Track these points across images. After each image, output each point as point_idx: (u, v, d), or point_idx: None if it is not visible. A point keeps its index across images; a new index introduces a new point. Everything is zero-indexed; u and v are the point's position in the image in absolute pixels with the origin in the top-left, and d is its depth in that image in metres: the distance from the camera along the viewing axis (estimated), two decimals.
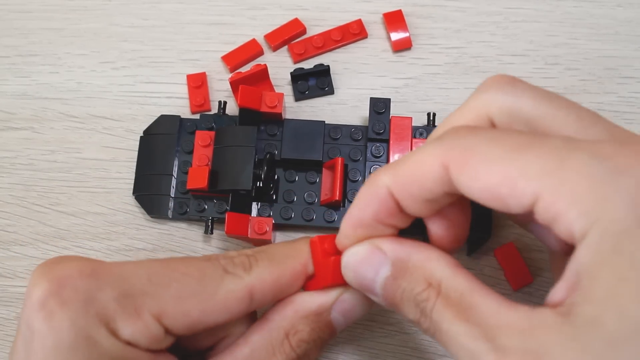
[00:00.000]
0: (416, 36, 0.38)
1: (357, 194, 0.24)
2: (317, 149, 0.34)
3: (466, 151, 0.21)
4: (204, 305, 0.24)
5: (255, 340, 0.26)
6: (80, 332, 0.22)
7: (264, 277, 0.25)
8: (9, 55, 0.39)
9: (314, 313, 0.27)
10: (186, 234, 0.35)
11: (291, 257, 0.26)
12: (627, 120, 0.37)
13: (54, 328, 0.22)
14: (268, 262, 0.26)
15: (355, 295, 0.27)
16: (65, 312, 0.22)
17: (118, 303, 0.22)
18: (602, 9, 0.39)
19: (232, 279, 0.25)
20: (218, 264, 0.25)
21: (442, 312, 0.22)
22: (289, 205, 0.34)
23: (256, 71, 0.35)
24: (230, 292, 0.24)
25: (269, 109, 0.33)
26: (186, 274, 0.24)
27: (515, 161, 0.20)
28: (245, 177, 0.32)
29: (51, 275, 0.22)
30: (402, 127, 0.33)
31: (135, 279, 0.23)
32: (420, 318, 0.23)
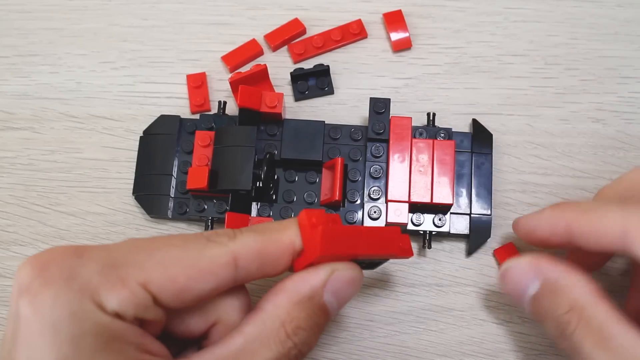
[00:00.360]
0: (416, 36, 0.38)
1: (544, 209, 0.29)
2: (317, 149, 0.34)
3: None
4: (189, 271, 0.24)
5: (249, 331, 0.25)
6: (65, 309, 0.22)
7: (248, 244, 0.25)
8: (9, 55, 0.39)
9: (306, 297, 0.26)
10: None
11: (277, 230, 0.26)
12: (627, 120, 0.37)
13: (38, 309, 0.22)
14: (253, 232, 0.26)
15: (345, 273, 0.27)
16: (48, 290, 0.22)
17: (102, 275, 0.22)
18: (602, 9, 0.39)
19: (215, 246, 0.25)
20: (201, 235, 0.25)
21: (583, 338, 0.25)
22: (289, 205, 0.34)
23: (256, 71, 0.35)
24: (215, 257, 0.24)
25: (269, 109, 0.33)
26: (169, 243, 0.24)
27: None
28: (245, 177, 0.32)
29: (34, 260, 0.23)
30: (401, 127, 0.33)
31: (117, 252, 0.23)
32: (559, 337, 0.26)
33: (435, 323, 0.34)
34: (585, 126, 0.36)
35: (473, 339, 0.33)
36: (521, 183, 0.35)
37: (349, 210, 0.33)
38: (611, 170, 0.36)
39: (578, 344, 0.25)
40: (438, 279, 0.34)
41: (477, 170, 0.34)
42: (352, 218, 0.33)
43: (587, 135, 0.36)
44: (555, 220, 0.28)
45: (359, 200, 0.34)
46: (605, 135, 0.36)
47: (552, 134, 0.36)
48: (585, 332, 0.25)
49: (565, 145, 0.36)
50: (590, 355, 0.24)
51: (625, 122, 0.36)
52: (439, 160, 0.33)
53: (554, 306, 0.27)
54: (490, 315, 0.33)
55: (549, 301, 0.27)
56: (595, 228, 0.26)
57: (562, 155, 0.36)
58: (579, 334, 0.25)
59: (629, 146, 0.36)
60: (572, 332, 0.25)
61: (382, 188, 0.33)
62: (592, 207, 0.27)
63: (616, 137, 0.36)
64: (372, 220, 0.32)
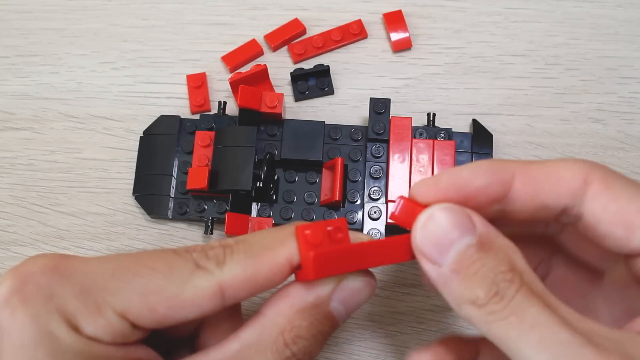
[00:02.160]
0: (416, 36, 0.38)
1: (472, 162, 0.25)
2: (317, 149, 0.34)
3: (609, 178, 0.22)
4: (170, 302, 0.23)
5: (246, 337, 0.24)
6: (42, 328, 0.22)
7: (236, 273, 0.23)
8: (9, 55, 0.39)
9: (311, 306, 0.25)
10: (186, 234, 0.35)
11: (271, 249, 0.24)
12: (627, 120, 0.37)
13: (17, 324, 0.22)
14: (244, 255, 0.23)
15: (355, 281, 0.25)
16: (27, 308, 0.22)
17: (78, 299, 0.22)
18: (602, 9, 0.39)
19: (201, 275, 0.23)
20: (189, 258, 0.23)
21: (529, 298, 0.21)
22: (289, 205, 0.34)
23: (256, 71, 0.35)
24: (199, 289, 0.23)
25: (269, 109, 0.33)
26: (153, 268, 0.23)
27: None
28: (245, 177, 0.32)
29: (16, 272, 0.22)
30: (402, 127, 0.33)
31: (97, 274, 0.23)
32: (491, 297, 0.22)
33: (435, 323, 0.34)
34: (585, 126, 0.36)
35: None
36: None
37: (349, 210, 0.33)
38: None
39: (524, 304, 0.21)
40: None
41: None
42: (352, 218, 0.33)
43: (587, 136, 0.36)
44: (498, 168, 0.23)
45: (359, 200, 0.34)
46: (605, 136, 0.36)
47: (552, 134, 0.36)
48: (532, 293, 0.22)
49: (565, 146, 0.36)
50: (539, 315, 0.21)
51: (625, 122, 0.36)
52: (439, 160, 0.33)
53: (493, 263, 0.22)
54: None
55: (486, 257, 0.22)
56: (551, 177, 0.23)
57: (562, 156, 0.36)
58: (526, 294, 0.22)
59: (629, 146, 0.36)
60: (517, 291, 0.22)
61: (382, 188, 0.33)
62: (543, 161, 0.24)
63: (616, 137, 0.36)
64: (373, 220, 0.32)
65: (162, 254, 0.23)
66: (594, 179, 0.22)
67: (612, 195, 0.22)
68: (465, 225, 0.23)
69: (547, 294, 0.22)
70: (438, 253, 0.23)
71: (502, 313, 0.21)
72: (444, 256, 0.23)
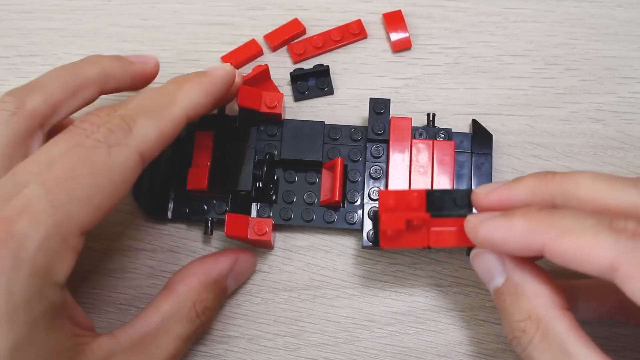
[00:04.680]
0: (416, 36, 0.38)
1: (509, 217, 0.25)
2: (316, 149, 0.34)
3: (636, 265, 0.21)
4: (108, 194, 0.24)
5: (166, 310, 0.29)
6: (19, 297, 0.21)
7: (149, 137, 0.25)
8: (9, 55, 0.39)
9: (214, 281, 0.31)
10: (186, 234, 0.35)
11: (167, 107, 0.27)
12: (627, 120, 0.37)
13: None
14: (147, 119, 0.26)
15: (246, 260, 0.33)
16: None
17: (45, 251, 0.22)
18: (602, 9, 0.39)
19: (119, 152, 0.24)
20: (99, 144, 0.24)
21: (539, 351, 0.24)
22: (289, 205, 0.34)
23: (259, 72, 0.35)
24: (124, 167, 0.25)
25: (269, 110, 0.33)
26: (78, 176, 0.23)
27: None
28: (245, 177, 0.32)
29: None
30: (401, 127, 0.33)
31: (43, 213, 0.22)
32: (513, 340, 0.25)
33: (435, 323, 0.34)
34: (585, 126, 0.36)
35: (473, 340, 0.33)
36: None
37: (349, 210, 0.33)
38: (611, 170, 0.36)
39: (533, 356, 0.24)
40: (438, 279, 0.34)
41: (477, 171, 0.34)
42: (352, 218, 0.33)
43: (587, 136, 0.36)
44: (529, 237, 0.24)
45: (359, 200, 0.34)
46: (605, 136, 0.36)
47: (552, 134, 0.36)
48: (543, 346, 0.23)
49: (565, 146, 0.36)
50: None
51: (625, 122, 0.36)
52: (439, 160, 0.33)
53: (512, 309, 0.25)
54: (490, 315, 0.33)
55: (508, 302, 0.25)
56: (578, 256, 0.23)
57: (562, 156, 0.36)
58: (535, 346, 0.24)
59: (629, 146, 0.36)
60: (528, 343, 0.24)
61: (382, 188, 0.33)
62: (574, 229, 0.23)
63: (616, 137, 0.36)
64: (371, 220, 0.32)
65: (74, 155, 0.24)
66: (621, 264, 0.22)
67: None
68: (497, 267, 0.26)
69: (564, 345, 0.23)
70: (487, 285, 0.27)
71: (520, 354, 0.24)
72: (490, 288, 0.27)
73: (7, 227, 0.22)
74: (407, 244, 0.29)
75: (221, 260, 0.32)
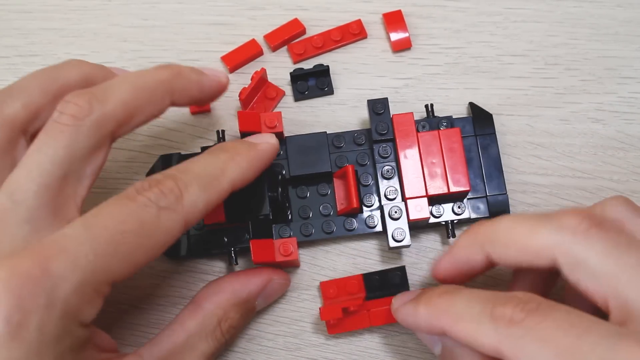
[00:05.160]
0: (416, 36, 0.38)
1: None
2: (324, 160, 0.33)
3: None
4: (147, 253, 0.24)
5: (191, 327, 0.29)
6: (49, 335, 0.21)
7: (197, 207, 0.25)
8: (9, 55, 0.39)
9: (243, 301, 0.30)
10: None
11: (217, 178, 0.26)
12: (627, 120, 0.37)
13: (23, 340, 0.21)
14: (198, 187, 0.25)
15: (279, 282, 0.32)
16: (31, 323, 0.21)
17: (78, 294, 0.22)
18: (602, 9, 0.39)
19: (168, 216, 0.24)
20: (150, 204, 0.24)
21: None
22: (307, 221, 0.33)
23: (257, 80, 0.36)
24: (169, 231, 0.24)
25: (270, 130, 0.33)
26: (125, 231, 0.23)
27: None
28: (262, 202, 0.31)
29: (5, 291, 0.21)
30: (405, 123, 0.33)
31: (83, 259, 0.22)
32: None
33: None
34: (585, 126, 0.36)
35: None
36: (521, 183, 0.35)
37: (368, 215, 0.33)
38: (611, 170, 0.36)
39: None
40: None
41: (485, 152, 0.34)
42: (373, 222, 0.33)
43: (587, 136, 0.36)
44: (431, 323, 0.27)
45: (376, 203, 0.33)
46: (605, 136, 0.36)
47: (552, 134, 0.36)
48: None
49: (565, 146, 0.36)
50: None
51: (625, 122, 0.36)
52: (448, 149, 0.33)
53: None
54: None
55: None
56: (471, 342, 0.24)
57: (562, 156, 0.36)
58: None
59: (629, 146, 0.36)
60: None
61: (396, 187, 0.33)
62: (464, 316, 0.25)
63: (616, 137, 0.36)
64: (394, 220, 0.32)
65: (124, 209, 0.24)
66: (502, 350, 0.23)
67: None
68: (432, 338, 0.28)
69: None
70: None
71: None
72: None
73: (44, 264, 0.22)
74: (351, 327, 0.32)
75: (253, 282, 0.31)
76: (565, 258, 0.24)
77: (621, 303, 0.23)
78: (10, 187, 0.24)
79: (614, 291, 0.23)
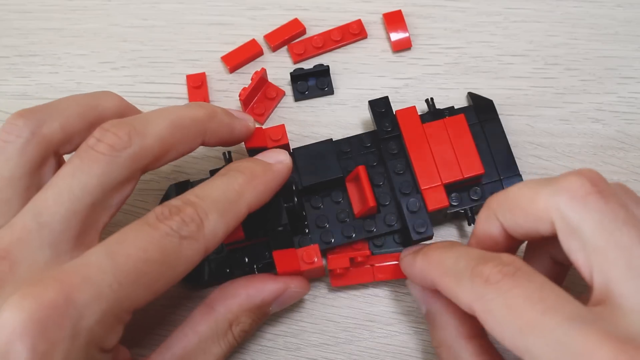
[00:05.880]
0: (416, 36, 0.38)
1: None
2: (334, 167, 0.33)
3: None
4: (168, 282, 0.24)
5: (203, 331, 0.28)
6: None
7: (216, 234, 0.25)
8: (9, 55, 0.39)
9: (256, 307, 0.30)
10: None
11: (235, 202, 0.26)
12: (627, 120, 0.37)
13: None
14: (217, 214, 0.25)
15: (296, 289, 0.31)
16: (57, 354, 0.21)
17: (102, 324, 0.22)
18: (602, 9, 0.39)
19: (189, 245, 0.24)
20: (172, 233, 0.24)
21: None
22: (326, 229, 0.33)
23: (257, 80, 0.36)
24: (190, 260, 0.24)
25: (275, 143, 0.32)
26: (147, 260, 0.23)
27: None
28: (279, 214, 0.31)
29: (30, 323, 0.21)
30: (409, 117, 0.33)
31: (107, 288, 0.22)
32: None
33: None
34: (585, 126, 0.36)
35: None
36: None
37: (387, 213, 0.33)
38: (611, 170, 0.36)
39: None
40: None
41: (492, 137, 0.34)
42: (392, 220, 0.33)
43: (587, 136, 0.36)
44: (423, 275, 0.28)
45: (392, 201, 0.33)
46: (605, 136, 0.36)
47: (552, 134, 0.36)
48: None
49: (566, 146, 0.36)
50: None
51: (625, 122, 0.36)
52: (456, 135, 0.33)
53: (431, 336, 0.29)
54: None
55: (429, 329, 0.29)
56: (452, 297, 0.25)
57: (562, 156, 0.36)
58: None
59: (629, 146, 0.36)
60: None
61: (410, 181, 0.33)
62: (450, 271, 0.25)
63: (616, 137, 0.36)
64: (413, 213, 0.32)
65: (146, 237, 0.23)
66: (474, 309, 0.23)
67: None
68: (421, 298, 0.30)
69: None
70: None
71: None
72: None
73: (69, 293, 0.21)
74: (355, 280, 0.32)
75: (268, 288, 0.30)
76: (560, 223, 0.23)
77: (604, 281, 0.22)
78: (36, 208, 0.24)
79: (600, 267, 0.22)
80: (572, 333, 0.20)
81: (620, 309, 0.21)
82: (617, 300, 0.21)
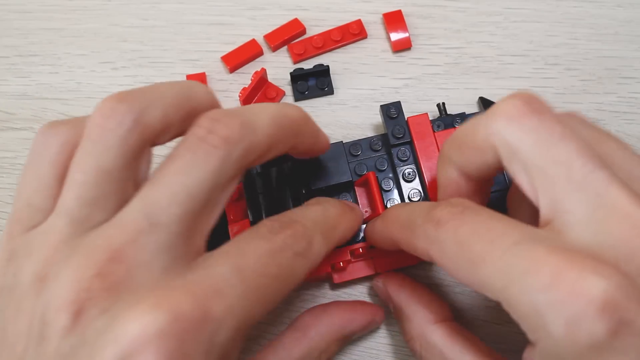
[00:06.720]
0: (416, 36, 0.38)
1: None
2: (344, 170, 0.33)
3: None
4: (280, 298, 0.23)
5: (296, 356, 0.29)
6: None
7: (321, 255, 0.25)
8: (9, 55, 0.39)
9: (344, 337, 0.30)
10: None
11: (335, 228, 0.27)
12: (627, 120, 0.37)
13: None
14: (321, 237, 0.25)
15: (377, 323, 0.32)
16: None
17: (235, 340, 0.21)
18: (602, 9, 0.39)
19: (300, 262, 0.23)
20: (286, 248, 0.23)
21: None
22: None
23: (257, 80, 0.36)
24: (299, 277, 0.23)
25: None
26: (267, 275, 0.22)
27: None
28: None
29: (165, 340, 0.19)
30: (421, 125, 0.33)
31: (238, 303, 0.21)
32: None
33: None
34: None
35: None
36: None
37: None
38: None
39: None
40: (439, 279, 0.34)
41: None
42: None
43: None
44: (383, 234, 0.28)
45: None
46: None
47: None
48: (430, 356, 0.28)
49: None
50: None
51: (626, 122, 0.37)
52: None
53: (402, 331, 0.30)
54: (490, 315, 0.33)
55: (399, 325, 0.30)
56: (411, 249, 0.25)
57: None
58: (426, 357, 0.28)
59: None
60: (420, 357, 0.28)
61: (419, 189, 0.33)
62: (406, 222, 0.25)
63: None
64: None
65: (265, 251, 0.22)
66: (431, 256, 0.23)
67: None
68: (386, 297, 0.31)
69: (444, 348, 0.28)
70: None
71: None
72: None
73: (205, 307, 0.20)
74: (356, 274, 0.32)
75: (358, 319, 0.31)
76: (502, 148, 0.22)
77: (549, 200, 0.21)
78: (148, 207, 0.21)
79: (542, 187, 0.22)
80: (520, 254, 0.20)
81: (566, 224, 0.21)
82: (562, 216, 0.21)
